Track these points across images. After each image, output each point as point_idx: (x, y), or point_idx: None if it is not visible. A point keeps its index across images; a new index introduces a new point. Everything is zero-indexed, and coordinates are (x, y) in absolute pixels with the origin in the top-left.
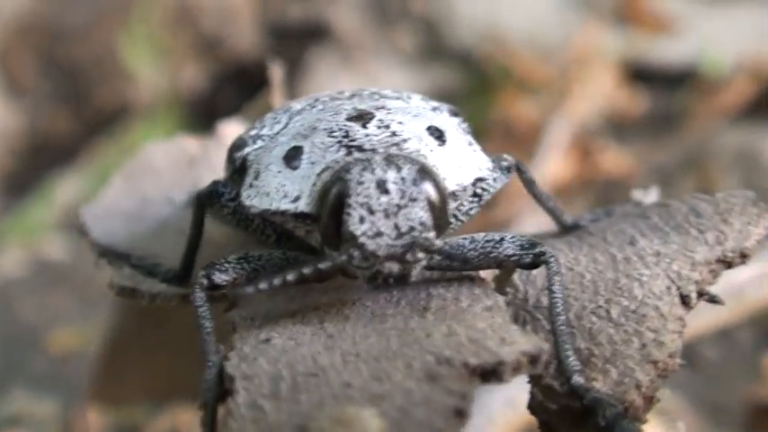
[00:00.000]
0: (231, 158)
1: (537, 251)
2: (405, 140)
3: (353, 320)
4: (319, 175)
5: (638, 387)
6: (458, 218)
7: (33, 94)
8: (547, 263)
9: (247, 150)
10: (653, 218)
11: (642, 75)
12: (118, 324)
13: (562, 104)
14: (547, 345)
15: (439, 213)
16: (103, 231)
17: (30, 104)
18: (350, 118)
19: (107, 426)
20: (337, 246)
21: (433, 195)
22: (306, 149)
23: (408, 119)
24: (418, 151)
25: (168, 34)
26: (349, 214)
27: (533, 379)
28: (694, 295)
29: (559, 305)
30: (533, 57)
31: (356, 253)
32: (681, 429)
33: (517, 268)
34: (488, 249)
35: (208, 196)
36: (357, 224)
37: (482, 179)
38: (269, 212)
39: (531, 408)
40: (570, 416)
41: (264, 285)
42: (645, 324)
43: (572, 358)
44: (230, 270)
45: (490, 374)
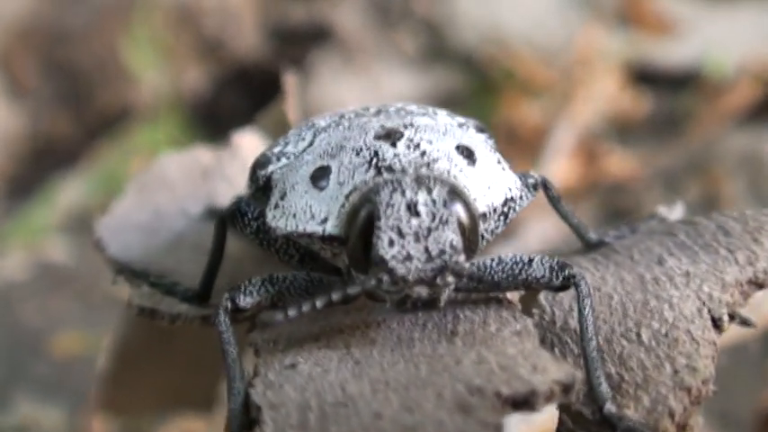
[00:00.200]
0: (254, 176)
1: (567, 273)
2: (435, 160)
3: (380, 345)
4: (348, 197)
5: (671, 415)
6: (484, 237)
7: (35, 97)
8: (577, 285)
9: (271, 168)
10: (680, 236)
11: (645, 77)
12: (126, 335)
13: (566, 107)
14: (579, 373)
15: (469, 236)
16: (119, 246)
17: (31, 107)
18: (378, 137)
19: None
20: (365, 269)
21: (464, 217)
22: (333, 169)
23: (437, 137)
24: (448, 171)
25: (170, 36)
26: (379, 237)
27: (562, 405)
28: (726, 318)
29: (590, 330)
30: (536, 59)
31: (386, 277)
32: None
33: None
34: (517, 271)
35: (231, 216)
36: (387, 247)
37: (512, 199)
38: (295, 234)
39: None
40: None
41: (294, 312)
42: (677, 348)
43: (604, 385)
44: (255, 293)
45: (522, 404)
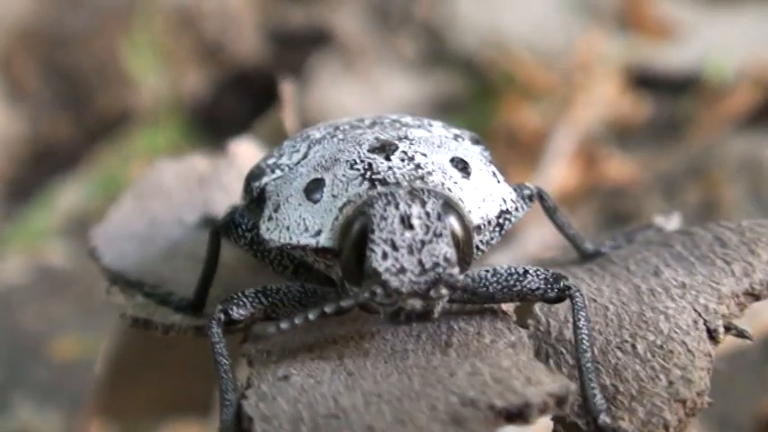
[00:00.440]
0: (248, 188)
1: (562, 285)
2: (429, 173)
3: (373, 356)
4: (341, 209)
5: (666, 427)
6: (479, 248)
7: (35, 100)
8: (572, 297)
9: (265, 180)
10: (676, 246)
11: (645, 81)
12: (123, 342)
13: (566, 111)
14: (573, 385)
15: (464, 248)
16: (114, 255)
17: (31, 110)
18: (372, 149)
19: None
20: (358, 281)
21: (458, 230)
22: (327, 182)
23: (431, 150)
24: (442, 184)
25: (170, 40)
26: (372, 250)
27: (557, 416)
28: (722, 330)
29: (585, 341)
30: (536, 63)
31: (379, 290)
32: None
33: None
34: (512, 283)
35: (225, 228)
36: (380, 260)
37: (507, 211)
38: (288, 246)
39: None
40: None
41: (286, 326)
42: (672, 360)
43: (598, 396)
44: (248, 305)
45: (516, 416)
